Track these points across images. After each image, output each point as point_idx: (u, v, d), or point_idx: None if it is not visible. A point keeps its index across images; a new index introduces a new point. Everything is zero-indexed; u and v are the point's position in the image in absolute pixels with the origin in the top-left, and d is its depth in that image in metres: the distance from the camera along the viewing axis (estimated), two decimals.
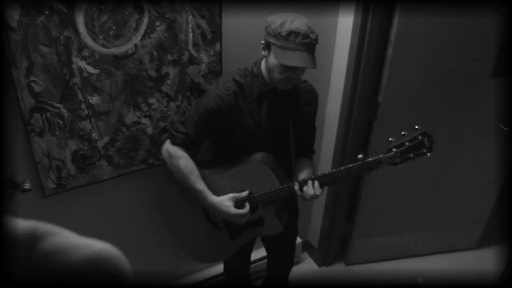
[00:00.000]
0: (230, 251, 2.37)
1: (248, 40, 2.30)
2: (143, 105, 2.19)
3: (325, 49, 2.02)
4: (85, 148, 2.14)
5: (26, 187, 1.74)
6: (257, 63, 2.07)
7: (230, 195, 2.13)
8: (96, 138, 2.15)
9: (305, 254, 3.45)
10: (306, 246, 3.43)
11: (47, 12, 1.82)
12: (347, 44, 2.53)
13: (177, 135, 2.12)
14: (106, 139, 2.18)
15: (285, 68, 1.91)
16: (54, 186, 2.15)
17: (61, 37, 1.88)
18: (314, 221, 3.30)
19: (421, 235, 3.38)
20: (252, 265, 2.87)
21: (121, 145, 2.22)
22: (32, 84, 1.91)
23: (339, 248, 3.39)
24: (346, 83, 2.63)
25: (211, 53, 2.22)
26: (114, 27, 1.97)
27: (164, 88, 2.20)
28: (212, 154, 2.30)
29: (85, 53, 1.96)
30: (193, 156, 2.15)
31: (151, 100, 2.19)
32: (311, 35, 1.87)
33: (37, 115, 1.97)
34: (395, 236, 3.33)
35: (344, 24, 2.53)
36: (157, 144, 2.31)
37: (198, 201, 2.19)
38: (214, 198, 2.13)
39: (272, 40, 1.90)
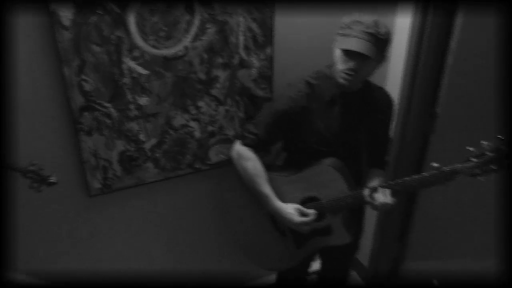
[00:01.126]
0: (295, 259, 2.31)
1: (300, 44, 2.27)
2: (191, 108, 2.17)
3: None
4: (132, 149, 2.14)
5: (51, 180, 1.75)
6: (330, 66, 2.02)
7: (296, 206, 2.08)
8: (143, 139, 2.14)
9: (354, 273, 3.35)
10: (355, 264, 3.32)
11: (100, 12, 1.83)
12: (404, 48, 2.44)
13: (248, 136, 2.10)
14: (153, 141, 2.17)
15: (346, 57, 1.85)
16: (99, 186, 2.15)
17: (113, 37, 1.89)
18: (365, 239, 3.18)
19: (484, 263, 3.19)
20: None
21: (168, 147, 2.21)
22: (83, 82, 1.92)
23: (390, 268, 3.26)
24: (402, 91, 2.53)
25: (262, 57, 2.19)
26: (165, 28, 1.96)
27: (214, 92, 2.18)
28: (284, 158, 2.27)
29: (136, 53, 1.96)
30: (263, 160, 2.12)
31: (199, 103, 2.18)
32: (375, 27, 1.81)
33: (86, 114, 1.98)
34: (453, 261, 3.16)
35: (401, 27, 2.44)
36: (204, 149, 2.29)
37: (263, 206, 2.15)
38: (278, 204, 2.09)
39: (338, 31, 1.88)
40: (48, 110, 1.95)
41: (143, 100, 2.06)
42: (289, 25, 2.21)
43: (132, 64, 1.97)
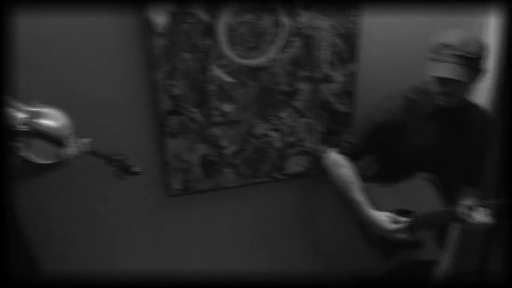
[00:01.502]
0: (381, 270, 2.30)
1: (386, 60, 2.26)
2: (273, 118, 2.22)
3: None
4: (213, 154, 2.21)
5: (135, 170, 1.84)
6: (428, 82, 2.03)
7: (389, 214, 2.09)
8: (225, 145, 2.21)
9: None
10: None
11: (192, 21, 1.93)
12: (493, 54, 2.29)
13: (344, 144, 2.16)
14: (234, 147, 2.23)
15: (438, 81, 1.86)
16: (179, 187, 2.24)
17: (202, 45, 1.98)
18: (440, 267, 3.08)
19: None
20: None
21: (247, 155, 2.27)
22: (172, 87, 2.02)
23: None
24: (490, 105, 2.40)
25: (346, 72, 2.20)
26: (252, 39, 2.03)
27: (295, 104, 2.21)
28: (377, 169, 2.28)
29: (223, 62, 2.04)
30: (357, 168, 2.15)
31: (281, 114, 2.22)
32: (463, 48, 1.79)
33: (172, 117, 2.08)
34: None
35: (492, 28, 2.33)
36: (282, 159, 2.33)
37: (354, 213, 2.16)
38: (370, 211, 2.10)
39: (428, 55, 1.89)
40: (137, 111, 2.07)
41: (228, 108, 2.14)
42: (375, 41, 2.21)
43: (219, 72, 2.05)
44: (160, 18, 1.89)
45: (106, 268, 2.37)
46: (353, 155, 2.14)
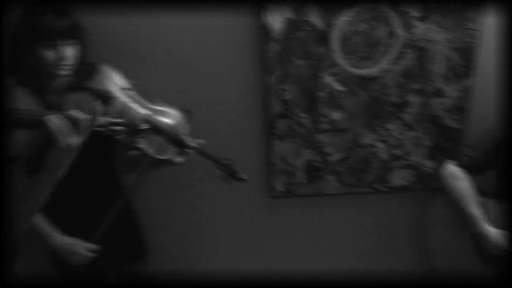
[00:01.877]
0: None
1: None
2: (380, 129, 2.22)
3: None
4: (318, 160, 2.26)
5: (241, 176, 1.87)
6: None
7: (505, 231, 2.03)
8: (330, 152, 2.25)
9: None
10: None
11: (308, 28, 2.00)
12: None
13: (463, 158, 2.14)
14: (339, 155, 2.26)
15: None
16: (282, 189, 2.30)
17: (316, 52, 2.04)
18: None
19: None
20: None
21: (352, 164, 2.28)
22: (283, 92, 2.10)
23: None
24: None
25: (460, 88, 2.15)
26: (365, 49, 2.06)
27: (404, 116, 2.20)
28: (497, 185, 2.22)
29: (335, 70, 2.08)
30: (475, 183, 2.13)
31: (389, 126, 2.22)
32: None
33: (282, 121, 2.15)
34: None
35: None
36: (386, 170, 2.31)
37: (469, 227, 2.13)
38: (486, 227, 2.06)
39: None
40: (248, 112, 2.18)
41: (336, 115, 2.17)
42: (494, 55, 2.15)
43: (330, 79, 2.10)
44: (277, 24, 1.98)
45: (205, 267, 2.48)
46: (472, 169, 2.11)
